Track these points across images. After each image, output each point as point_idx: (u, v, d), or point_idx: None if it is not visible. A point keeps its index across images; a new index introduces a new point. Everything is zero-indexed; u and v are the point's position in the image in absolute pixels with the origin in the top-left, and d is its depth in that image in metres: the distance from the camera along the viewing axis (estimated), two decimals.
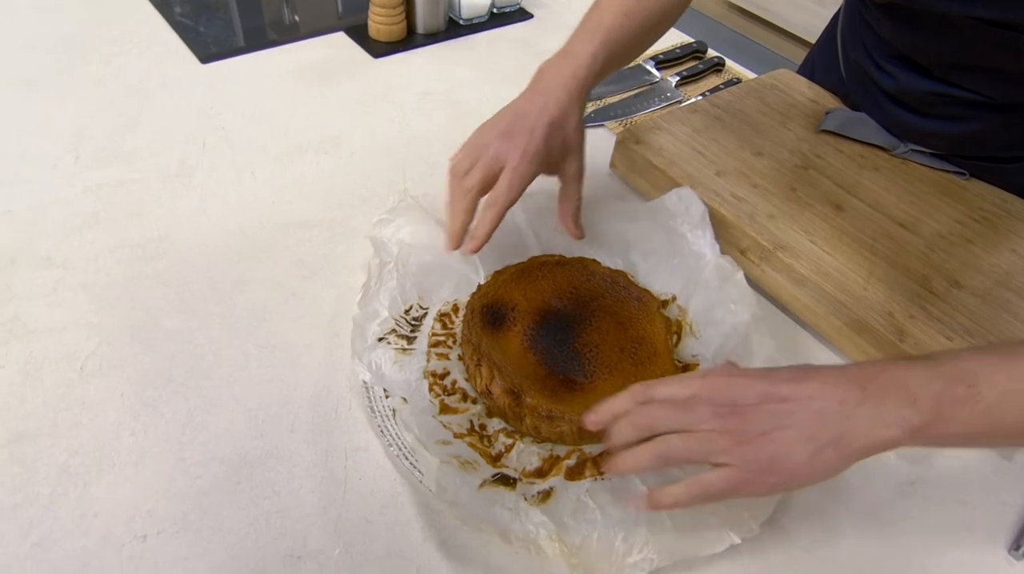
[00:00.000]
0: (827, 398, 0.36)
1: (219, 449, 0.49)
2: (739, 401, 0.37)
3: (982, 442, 0.39)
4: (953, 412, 0.35)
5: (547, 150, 0.54)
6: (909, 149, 0.71)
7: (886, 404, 0.36)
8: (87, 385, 0.52)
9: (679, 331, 0.57)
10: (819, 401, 0.36)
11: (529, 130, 0.54)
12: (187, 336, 0.56)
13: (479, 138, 0.55)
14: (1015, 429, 0.36)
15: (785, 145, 0.73)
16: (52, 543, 0.44)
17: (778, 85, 0.81)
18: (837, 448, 0.36)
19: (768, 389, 0.37)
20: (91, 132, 0.74)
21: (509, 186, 0.53)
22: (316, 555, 0.44)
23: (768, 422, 0.36)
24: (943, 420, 0.35)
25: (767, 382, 0.38)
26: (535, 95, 0.56)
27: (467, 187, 0.54)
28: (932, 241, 0.63)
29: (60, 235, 0.63)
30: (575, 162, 0.57)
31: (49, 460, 0.48)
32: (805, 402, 0.36)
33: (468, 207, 0.54)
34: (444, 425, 0.49)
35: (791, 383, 0.37)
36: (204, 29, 0.90)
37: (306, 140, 0.76)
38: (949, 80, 0.66)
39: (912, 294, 0.58)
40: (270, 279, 0.61)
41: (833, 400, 0.36)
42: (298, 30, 0.94)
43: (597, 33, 0.57)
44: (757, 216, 0.64)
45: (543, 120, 0.54)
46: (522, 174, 0.53)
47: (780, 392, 0.37)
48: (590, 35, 0.58)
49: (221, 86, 0.83)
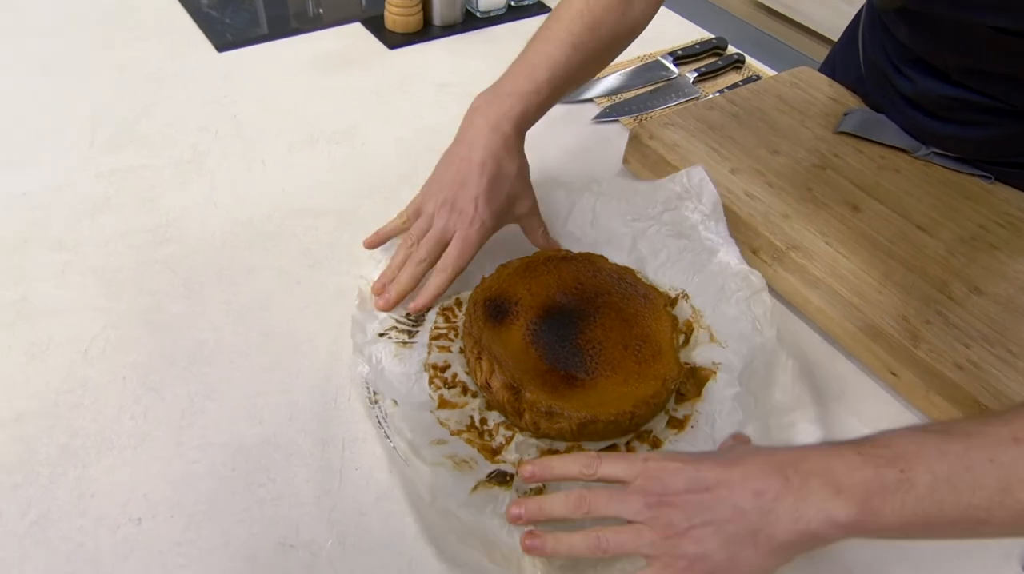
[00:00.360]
0: (747, 492, 0.34)
1: (217, 435, 0.49)
2: (668, 490, 0.36)
3: (920, 534, 0.34)
4: (883, 502, 0.32)
5: (493, 214, 0.55)
6: (931, 152, 0.69)
7: (808, 497, 0.33)
8: (90, 367, 0.52)
9: (688, 331, 0.56)
10: (738, 494, 0.34)
11: (472, 200, 0.54)
12: (191, 322, 0.56)
13: (423, 203, 0.57)
14: (953, 519, 0.32)
15: (803, 144, 0.71)
16: (50, 523, 0.44)
17: (798, 83, 0.79)
18: (756, 546, 0.34)
19: (694, 476, 0.36)
20: (107, 117, 0.75)
21: (459, 255, 0.54)
22: (308, 545, 0.44)
23: (691, 516, 0.35)
24: (873, 512, 0.33)
25: (695, 469, 0.36)
26: (469, 150, 0.55)
27: (418, 259, 0.54)
28: (952, 245, 0.61)
29: (72, 218, 0.64)
30: (526, 202, 0.58)
31: (50, 440, 0.48)
32: (726, 495, 0.35)
33: (416, 276, 0.54)
34: (441, 422, 0.48)
35: (718, 470, 0.36)
36: (230, 20, 0.91)
37: (318, 130, 0.76)
38: (967, 85, 0.64)
39: (929, 299, 0.57)
40: (276, 267, 0.61)
41: (752, 493, 0.34)
42: (321, 20, 0.94)
43: (540, 68, 0.56)
44: (771, 215, 0.63)
45: (483, 183, 0.54)
46: (470, 242, 0.54)
47: (705, 480, 0.36)
48: (531, 70, 0.56)
49: (236, 75, 0.83)
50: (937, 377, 0.52)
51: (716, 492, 0.35)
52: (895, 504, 0.32)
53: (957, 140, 0.68)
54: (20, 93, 0.78)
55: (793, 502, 0.33)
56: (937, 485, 0.32)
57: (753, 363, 0.53)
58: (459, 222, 0.55)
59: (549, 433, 0.48)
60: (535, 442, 0.49)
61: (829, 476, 0.33)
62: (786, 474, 0.34)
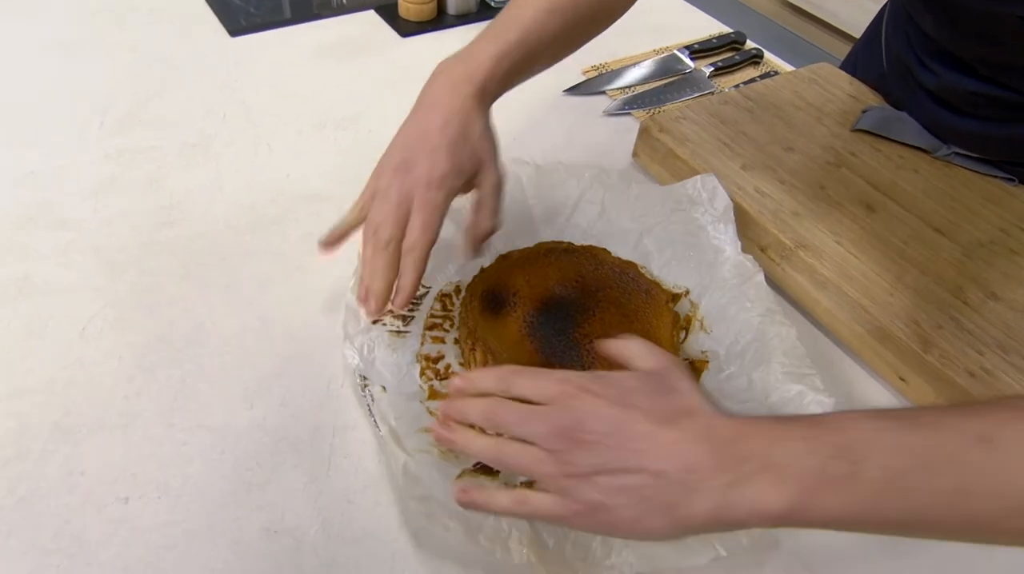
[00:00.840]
0: (674, 460, 0.31)
1: (208, 418, 0.49)
2: (583, 427, 0.33)
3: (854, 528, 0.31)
4: (823, 496, 0.29)
5: (455, 169, 0.48)
6: (952, 152, 0.67)
7: (739, 484, 0.30)
8: (87, 346, 0.52)
9: (687, 327, 0.55)
10: (665, 461, 0.31)
11: (428, 154, 0.47)
12: (189, 304, 0.56)
13: (377, 179, 0.49)
14: (896, 521, 0.30)
15: (818, 141, 0.69)
16: (38, 499, 0.44)
17: (817, 79, 0.77)
18: (666, 518, 0.32)
19: (618, 422, 0.33)
20: (118, 99, 0.75)
21: (424, 225, 0.47)
22: (293, 531, 0.44)
23: (602, 463, 0.32)
24: (808, 506, 0.30)
25: (621, 412, 0.33)
26: (427, 112, 0.50)
27: (383, 241, 0.47)
28: (970, 249, 0.59)
29: (77, 198, 0.64)
30: (490, 174, 0.50)
31: (43, 417, 0.48)
32: (649, 456, 0.32)
33: (390, 263, 0.47)
34: (431, 411, 0.48)
35: (647, 423, 0.32)
36: (254, 10, 0.90)
37: (326, 116, 0.75)
38: (993, 79, 0.61)
39: (942, 303, 0.55)
40: (276, 252, 0.61)
41: (680, 465, 0.31)
42: (344, 7, 0.93)
43: (509, 31, 0.51)
44: (781, 213, 0.61)
45: (443, 139, 0.47)
46: (433, 205, 0.47)
47: (630, 431, 0.32)
48: (498, 34, 0.51)
49: (247, 60, 0.83)
50: (948, 384, 0.51)
51: (638, 448, 0.32)
52: (835, 499, 0.30)
53: (981, 138, 0.65)
54: (32, 73, 0.78)
55: (721, 487, 0.31)
56: (887, 481, 0.29)
57: (742, 341, 0.51)
58: (416, 184, 0.47)
59: None
60: None
61: (768, 463, 0.30)
62: (721, 454, 0.31)
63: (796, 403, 0.48)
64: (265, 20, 0.88)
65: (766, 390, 0.49)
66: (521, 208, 0.61)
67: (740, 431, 0.32)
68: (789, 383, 0.49)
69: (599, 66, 0.86)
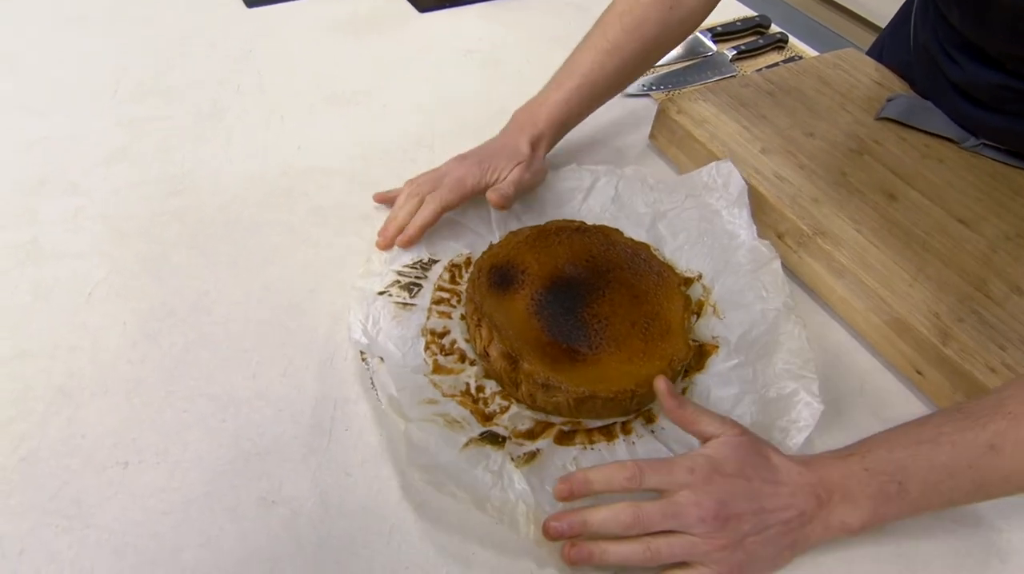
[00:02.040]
0: (793, 510, 0.40)
1: (209, 386, 0.48)
2: (727, 506, 0.39)
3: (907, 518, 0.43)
4: (886, 509, 0.40)
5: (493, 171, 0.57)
6: (980, 143, 0.65)
7: (834, 511, 0.41)
8: (92, 311, 0.52)
9: (699, 311, 0.53)
10: (787, 512, 0.40)
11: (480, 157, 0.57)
12: (194, 272, 0.55)
13: (443, 166, 0.58)
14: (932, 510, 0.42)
15: (841, 128, 0.67)
16: (39, 460, 0.44)
17: (842, 64, 0.75)
18: (793, 550, 0.41)
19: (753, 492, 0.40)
20: (133, 69, 0.75)
21: (451, 188, 0.55)
22: (290, 502, 0.43)
23: (747, 529, 0.39)
24: (877, 517, 0.41)
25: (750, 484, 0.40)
26: (505, 140, 0.59)
27: (415, 193, 0.56)
28: (996, 242, 0.57)
29: (88, 164, 0.64)
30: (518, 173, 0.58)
31: (47, 380, 0.48)
32: (778, 513, 0.40)
33: (411, 209, 0.55)
34: (435, 384, 0.47)
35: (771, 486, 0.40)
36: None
37: (340, 90, 0.75)
38: (1019, 74, 0.59)
39: (964, 296, 0.53)
40: (285, 223, 0.60)
41: (797, 512, 0.40)
42: None
43: (572, 76, 0.60)
44: (799, 199, 0.59)
45: (514, 161, 0.57)
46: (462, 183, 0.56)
47: (762, 495, 0.40)
48: (561, 81, 0.60)
49: (263, 32, 0.82)
50: (966, 378, 0.49)
51: (769, 508, 0.40)
52: (892, 509, 0.41)
53: (1008, 132, 0.63)
54: (47, 43, 0.78)
55: (823, 516, 0.41)
56: (926, 491, 0.40)
57: (754, 332, 0.50)
58: (458, 169, 0.56)
59: (545, 407, 0.47)
60: (530, 414, 0.47)
61: (847, 493, 0.41)
62: (818, 493, 0.41)
63: (789, 401, 0.47)
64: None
65: (766, 383, 0.48)
66: (531, 196, 0.61)
67: (819, 472, 0.41)
68: (787, 380, 0.47)
69: None
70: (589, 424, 0.47)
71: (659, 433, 0.46)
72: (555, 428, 0.46)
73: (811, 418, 0.45)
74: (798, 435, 0.44)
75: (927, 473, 0.40)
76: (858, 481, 0.41)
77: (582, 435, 0.46)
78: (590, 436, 0.46)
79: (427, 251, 0.55)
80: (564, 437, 0.46)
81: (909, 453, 0.41)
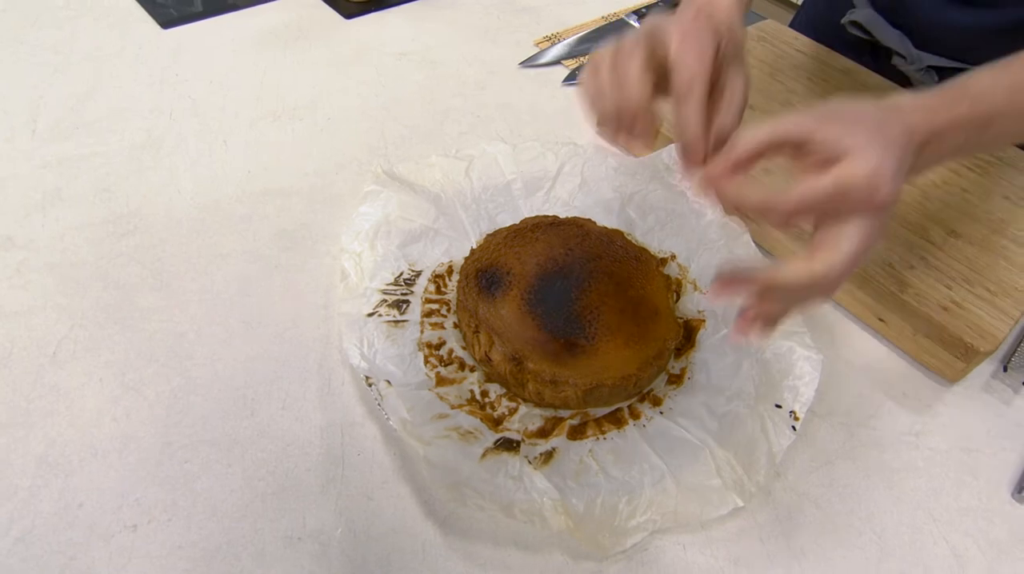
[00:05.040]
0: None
1: (207, 431, 0.47)
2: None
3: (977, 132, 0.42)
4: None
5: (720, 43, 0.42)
6: (924, 67, 0.69)
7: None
8: (60, 371, 0.49)
9: (679, 289, 0.56)
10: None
11: (707, 18, 0.42)
12: (165, 315, 0.53)
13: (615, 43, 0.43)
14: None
15: (775, 98, 0.71)
16: (35, 538, 0.42)
17: (766, 37, 0.79)
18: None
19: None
20: (48, 103, 0.70)
21: (699, 55, 0.40)
22: (317, 535, 0.43)
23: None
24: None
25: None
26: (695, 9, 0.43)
27: (629, 55, 0.41)
28: (928, 191, 0.63)
29: (20, 213, 0.59)
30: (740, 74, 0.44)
31: (25, 451, 0.45)
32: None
33: (639, 70, 0.41)
34: (441, 397, 0.47)
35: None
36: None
37: (279, 106, 0.72)
38: None
39: (911, 245, 0.58)
40: (250, 251, 0.58)
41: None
42: None
43: None
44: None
45: (713, 21, 0.42)
46: (702, 41, 0.40)
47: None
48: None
49: (185, 52, 0.78)
50: (923, 320, 0.53)
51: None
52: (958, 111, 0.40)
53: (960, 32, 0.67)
54: None
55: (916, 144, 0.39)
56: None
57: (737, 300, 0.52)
58: (674, 29, 0.41)
59: (554, 402, 0.48)
60: (539, 412, 0.48)
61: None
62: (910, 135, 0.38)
63: (788, 358, 0.50)
64: (185, 13, 0.83)
65: (761, 345, 0.51)
66: (500, 185, 0.61)
67: (909, 112, 0.39)
68: (779, 339, 0.50)
69: (551, 36, 0.85)
70: (596, 413, 0.48)
71: (668, 413, 0.48)
72: (565, 423, 0.47)
73: (814, 371, 0.48)
74: (807, 390, 0.47)
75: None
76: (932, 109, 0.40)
77: (593, 426, 0.47)
78: (600, 426, 0.47)
79: (406, 264, 0.55)
80: (576, 431, 0.47)
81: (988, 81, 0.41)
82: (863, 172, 0.35)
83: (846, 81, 0.74)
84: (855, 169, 0.35)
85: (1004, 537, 0.46)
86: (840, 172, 0.35)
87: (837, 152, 0.36)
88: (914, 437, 0.51)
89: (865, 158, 0.35)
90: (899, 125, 0.38)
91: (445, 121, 0.73)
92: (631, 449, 0.46)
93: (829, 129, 0.36)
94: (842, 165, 0.35)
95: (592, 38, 0.85)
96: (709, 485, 0.44)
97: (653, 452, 0.45)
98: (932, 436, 0.51)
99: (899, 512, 0.46)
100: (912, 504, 0.47)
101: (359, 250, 0.54)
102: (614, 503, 0.43)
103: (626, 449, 0.46)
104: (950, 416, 0.52)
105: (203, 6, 0.85)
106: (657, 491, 0.44)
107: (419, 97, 0.76)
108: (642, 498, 0.43)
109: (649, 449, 0.46)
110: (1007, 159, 0.66)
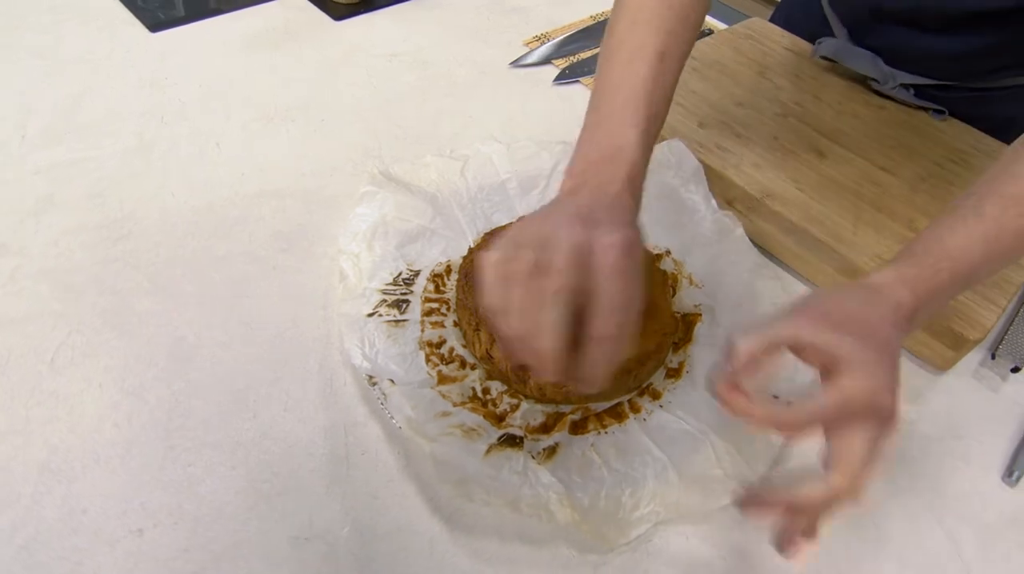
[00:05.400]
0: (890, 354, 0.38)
1: (209, 434, 0.47)
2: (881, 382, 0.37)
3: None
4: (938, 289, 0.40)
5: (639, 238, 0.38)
6: (898, 84, 0.71)
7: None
8: (59, 377, 0.49)
9: (675, 284, 0.56)
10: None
11: (609, 210, 0.38)
12: (163, 319, 0.53)
13: (527, 232, 0.36)
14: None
15: (764, 95, 0.72)
16: (40, 545, 0.41)
17: (752, 35, 0.80)
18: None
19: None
20: (37, 108, 0.69)
21: (629, 297, 0.35)
22: (324, 535, 0.43)
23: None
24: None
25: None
26: (592, 191, 0.40)
27: (552, 288, 0.33)
28: (914, 183, 0.64)
29: (13, 220, 0.59)
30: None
31: (26, 458, 0.45)
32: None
33: (560, 319, 0.34)
34: (443, 395, 0.47)
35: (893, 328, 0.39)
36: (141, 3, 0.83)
37: (272, 108, 0.72)
38: None
39: (899, 236, 0.59)
40: (247, 253, 0.58)
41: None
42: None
43: (639, 103, 0.44)
44: (743, 166, 0.63)
45: (621, 203, 0.39)
46: (630, 275, 0.35)
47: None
48: (630, 108, 0.44)
49: (175, 55, 0.78)
50: None
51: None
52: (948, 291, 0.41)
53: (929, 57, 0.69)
54: None
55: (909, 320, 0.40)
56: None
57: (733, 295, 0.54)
58: (603, 235, 0.35)
59: (555, 398, 0.48)
60: (540, 408, 0.48)
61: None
62: (908, 316, 0.39)
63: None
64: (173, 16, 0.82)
65: None
66: (495, 184, 0.61)
67: (893, 289, 0.40)
68: None
69: (540, 36, 0.86)
70: (597, 408, 0.49)
71: (667, 406, 0.49)
72: (566, 418, 0.48)
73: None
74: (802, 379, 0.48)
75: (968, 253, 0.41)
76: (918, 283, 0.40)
77: (594, 421, 0.48)
78: (601, 421, 0.48)
79: (405, 264, 0.55)
80: (577, 426, 0.47)
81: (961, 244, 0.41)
82: (862, 390, 0.35)
83: (832, 78, 0.75)
84: (854, 389, 0.35)
85: (996, 520, 0.47)
86: (841, 391, 0.35)
87: (833, 359, 0.36)
88: (908, 425, 0.52)
89: (863, 374, 0.35)
90: (887, 313, 0.38)
91: (438, 121, 0.73)
92: (633, 442, 0.46)
93: (820, 335, 0.36)
94: (842, 382, 0.35)
95: (581, 37, 0.86)
96: (711, 475, 0.45)
97: (655, 445, 0.46)
98: (924, 423, 0.52)
99: (895, 498, 0.47)
100: (907, 490, 0.48)
101: (357, 251, 0.54)
102: (618, 496, 0.44)
103: (628, 442, 0.46)
104: (941, 403, 0.53)
105: (185, 10, 0.84)
106: (660, 483, 0.44)
107: (411, 98, 0.76)
108: (645, 490, 0.44)
109: (650, 442, 0.46)
110: (989, 151, 0.68)
